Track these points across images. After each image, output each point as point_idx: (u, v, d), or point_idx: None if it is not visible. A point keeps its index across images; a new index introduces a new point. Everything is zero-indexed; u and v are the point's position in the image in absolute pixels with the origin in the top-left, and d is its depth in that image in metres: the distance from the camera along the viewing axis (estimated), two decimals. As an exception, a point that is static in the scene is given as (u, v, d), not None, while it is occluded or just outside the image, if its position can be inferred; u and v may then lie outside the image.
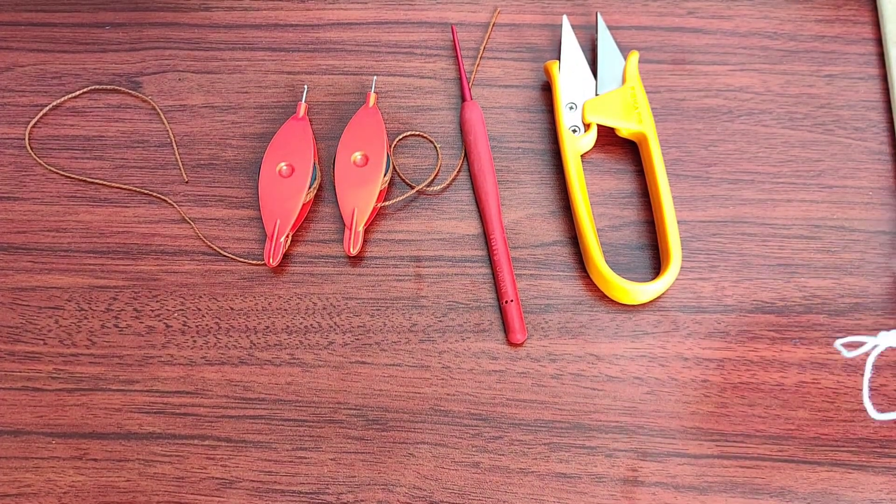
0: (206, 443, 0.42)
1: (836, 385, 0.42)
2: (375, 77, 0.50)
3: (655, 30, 0.50)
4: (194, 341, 0.44)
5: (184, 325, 0.44)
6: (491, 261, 0.45)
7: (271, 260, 0.45)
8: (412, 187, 0.47)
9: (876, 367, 0.42)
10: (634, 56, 0.48)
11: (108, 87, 0.50)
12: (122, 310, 0.45)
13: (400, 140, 0.48)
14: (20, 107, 0.50)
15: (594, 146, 0.48)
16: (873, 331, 0.43)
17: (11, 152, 0.49)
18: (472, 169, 0.47)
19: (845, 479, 0.41)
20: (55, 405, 0.43)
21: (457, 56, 0.50)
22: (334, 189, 0.46)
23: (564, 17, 0.49)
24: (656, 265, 0.45)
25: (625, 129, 0.47)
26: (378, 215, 0.47)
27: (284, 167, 0.46)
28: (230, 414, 0.43)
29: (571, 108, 0.47)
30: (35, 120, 0.50)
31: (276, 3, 0.52)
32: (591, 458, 0.41)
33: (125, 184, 0.48)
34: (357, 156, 0.46)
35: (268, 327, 0.44)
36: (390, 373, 0.43)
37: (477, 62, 0.50)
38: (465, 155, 0.48)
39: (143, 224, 0.47)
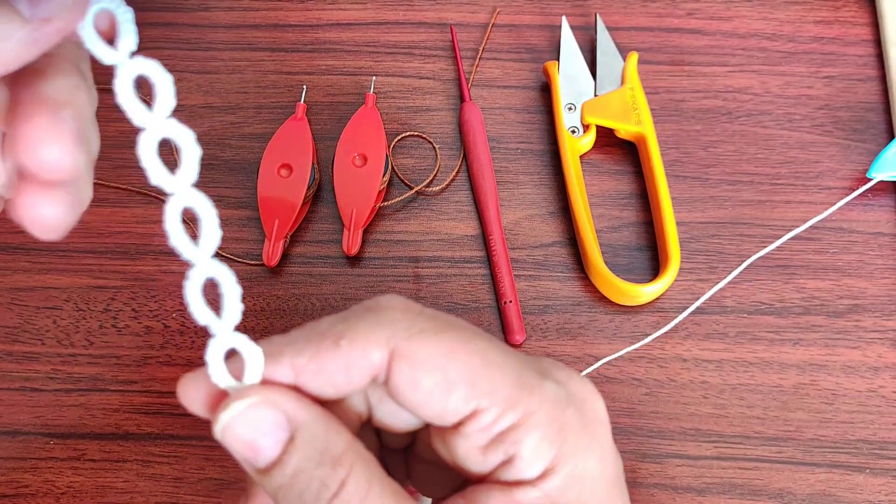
0: (205, 443, 0.42)
1: (834, 387, 0.42)
2: (374, 77, 0.50)
3: (654, 31, 0.50)
4: (193, 342, 0.44)
5: (182, 326, 0.44)
6: (490, 261, 0.45)
7: (270, 260, 0.45)
8: (411, 188, 0.47)
9: (874, 369, 0.43)
10: (633, 57, 0.48)
11: (107, 87, 0.50)
12: (121, 310, 0.45)
13: (399, 140, 0.48)
14: (18, 107, 0.50)
15: (593, 147, 0.48)
16: (872, 332, 0.43)
17: (10, 152, 0.49)
18: (471, 170, 0.47)
19: (844, 481, 0.41)
20: (53, 405, 0.43)
21: (456, 57, 0.50)
22: (333, 189, 0.46)
23: (563, 18, 0.49)
24: (655, 266, 0.45)
25: (624, 130, 0.47)
26: (377, 216, 0.47)
27: (283, 168, 0.46)
28: (228, 414, 0.43)
29: (570, 108, 0.47)
30: (33, 120, 0.49)
31: (275, 4, 0.52)
32: (589, 459, 0.41)
33: (124, 184, 0.48)
34: (356, 156, 0.46)
35: (266, 328, 0.44)
36: (389, 373, 0.43)
37: (476, 63, 0.50)
38: (464, 155, 0.48)
39: (142, 224, 0.47)
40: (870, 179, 0.45)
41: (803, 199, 0.46)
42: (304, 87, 0.49)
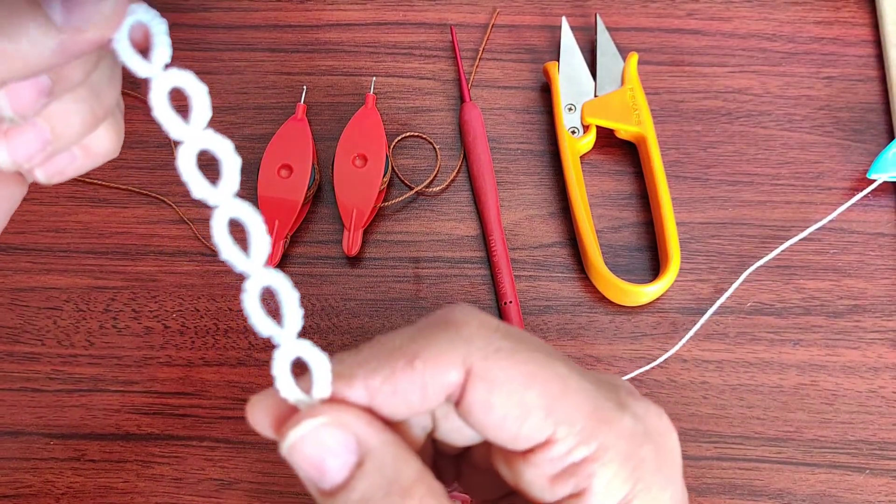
0: (205, 444, 0.42)
1: (834, 387, 0.42)
2: (374, 78, 0.50)
3: (654, 31, 0.50)
4: (193, 342, 0.44)
5: (182, 326, 0.44)
6: (490, 262, 0.45)
7: (270, 261, 0.45)
8: (411, 188, 0.47)
9: (874, 369, 0.43)
10: (633, 58, 0.48)
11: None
12: (121, 310, 0.45)
13: (399, 141, 0.48)
14: (19, 107, 0.50)
15: (593, 147, 0.48)
16: (872, 332, 0.43)
17: (10, 153, 0.49)
18: (472, 170, 0.47)
19: (844, 482, 0.41)
20: (53, 406, 0.43)
21: (456, 57, 0.50)
22: (333, 190, 0.46)
23: (563, 19, 0.49)
24: (655, 266, 0.45)
25: (624, 130, 0.47)
26: (377, 216, 0.47)
27: (283, 168, 0.46)
28: (229, 415, 0.43)
29: (570, 109, 0.47)
30: (34, 120, 0.49)
31: (275, 4, 0.52)
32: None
33: (124, 184, 0.48)
34: (356, 157, 0.46)
35: (266, 328, 0.44)
36: (389, 374, 0.43)
37: (476, 63, 0.50)
38: (464, 156, 0.48)
39: (142, 225, 0.47)
40: (870, 180, 0.45)
41: (803, 200, 0.46)
42: (304, 87, 0.49)
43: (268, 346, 0.44)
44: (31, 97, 0.22)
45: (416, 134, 0.48)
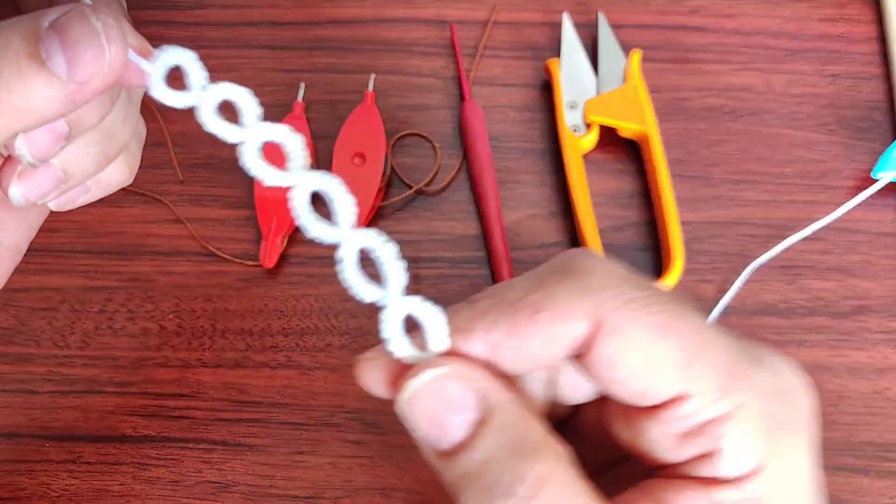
0: (202, 446, 0.42)
1: (839, 388, 0.42)
2: (373, 75, 0.49)
3: (657, 28, 0.50)
4: (189, 343, 0.44)
5: (179, 327, 0.44)
6: (490, 262, 0.45)
7: (267, 261, 0.44)
8: (410, 187, 0.46)
9: (879, 370, 0.42)
10: (636, 55, 0.47)
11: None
12: (117, 311, 0.44)
13: (398, 139, 0.48)
14: (13, 105, 0.49)
15: (595, 146, 0.47)
16: (878, 333, 0.43)
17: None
18: (472, 169, 0.46)
19: (849, 484, 0.40)
20: (48, 407, 0.43)
21: (456, 54, 0.49)
22: (332, 189, 0.45)
23: (565, 15, 0.49)
24: (658, 266, 0.44)
25: (626, 128, 0.46)
26: (376, 215, 0.46)
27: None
28: (226, 417, 0.42)
29: (572, 107, 0.47)
30: (28, 118, 0.49)
31: (272, 1, 0.52)
32: (591, 462, 0.41)
33: (120, 183, 0.47)
34: (355, 155, 0.46)
35: (264, 329, 0.44)
36: (388, 375, 0.43)
37: (476, 61, 0.49)
38: (465, 155, 0.47)
39: (138, 224, 0.46)
40: (874, 179, 0.44)
41: (808, 199, 0.46)
42: (302, 85, 0.49)
43: (266, 347, 0.43)
44: (50, 143, 0.23)
45: (416, 132, 0.48)
